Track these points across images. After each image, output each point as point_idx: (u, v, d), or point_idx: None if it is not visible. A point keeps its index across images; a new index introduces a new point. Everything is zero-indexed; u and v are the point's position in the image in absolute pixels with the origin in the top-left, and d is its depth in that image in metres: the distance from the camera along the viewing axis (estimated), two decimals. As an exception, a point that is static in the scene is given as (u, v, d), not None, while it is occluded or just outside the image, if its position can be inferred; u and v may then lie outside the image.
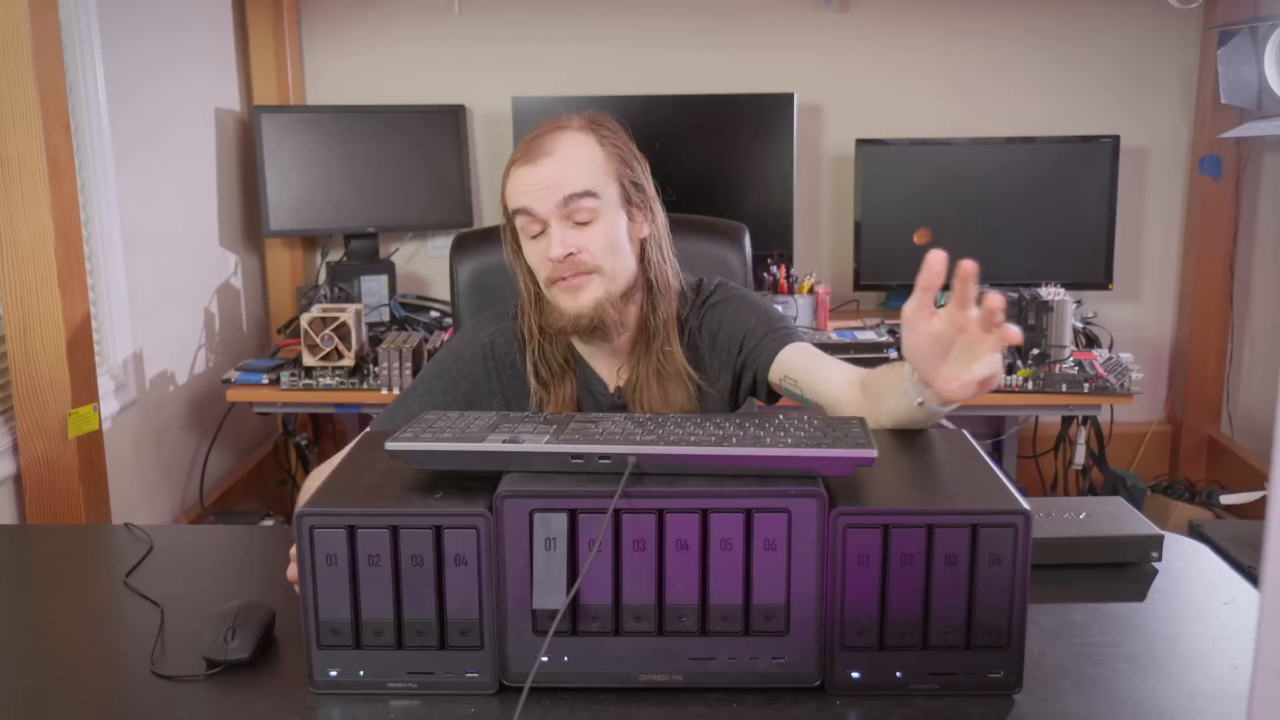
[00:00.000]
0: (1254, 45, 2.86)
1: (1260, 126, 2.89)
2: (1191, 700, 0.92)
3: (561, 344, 1.47)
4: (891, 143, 3.05)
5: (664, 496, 0.90)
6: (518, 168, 1.38)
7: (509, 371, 1.49)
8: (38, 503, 2.02)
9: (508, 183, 1.40)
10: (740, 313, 1.49)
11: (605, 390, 1.49)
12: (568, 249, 1.35)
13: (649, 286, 1.45)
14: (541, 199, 1.35)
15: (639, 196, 1.43)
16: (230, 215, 3.07)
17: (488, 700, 0.92)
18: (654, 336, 1.45)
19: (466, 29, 3.23)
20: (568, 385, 1.46)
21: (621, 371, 1.49)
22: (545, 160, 1.36)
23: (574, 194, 1.35)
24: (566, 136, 1.38)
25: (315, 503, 0.92)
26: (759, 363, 1.45)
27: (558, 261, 1.36)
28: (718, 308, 1.50)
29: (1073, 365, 2.51)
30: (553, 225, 1.36)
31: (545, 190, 1.35)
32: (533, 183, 1.36)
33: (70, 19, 2.23)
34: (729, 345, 1.48)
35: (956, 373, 1.00)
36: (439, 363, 1.51)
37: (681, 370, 1.45)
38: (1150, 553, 1.21)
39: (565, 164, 1.36)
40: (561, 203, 1.35)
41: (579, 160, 1.37)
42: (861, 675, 0.92)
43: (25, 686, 0.98)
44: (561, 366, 1.46)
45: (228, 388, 2.62)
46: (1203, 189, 3.19)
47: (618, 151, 1.41)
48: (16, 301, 1.95)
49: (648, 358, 1.45)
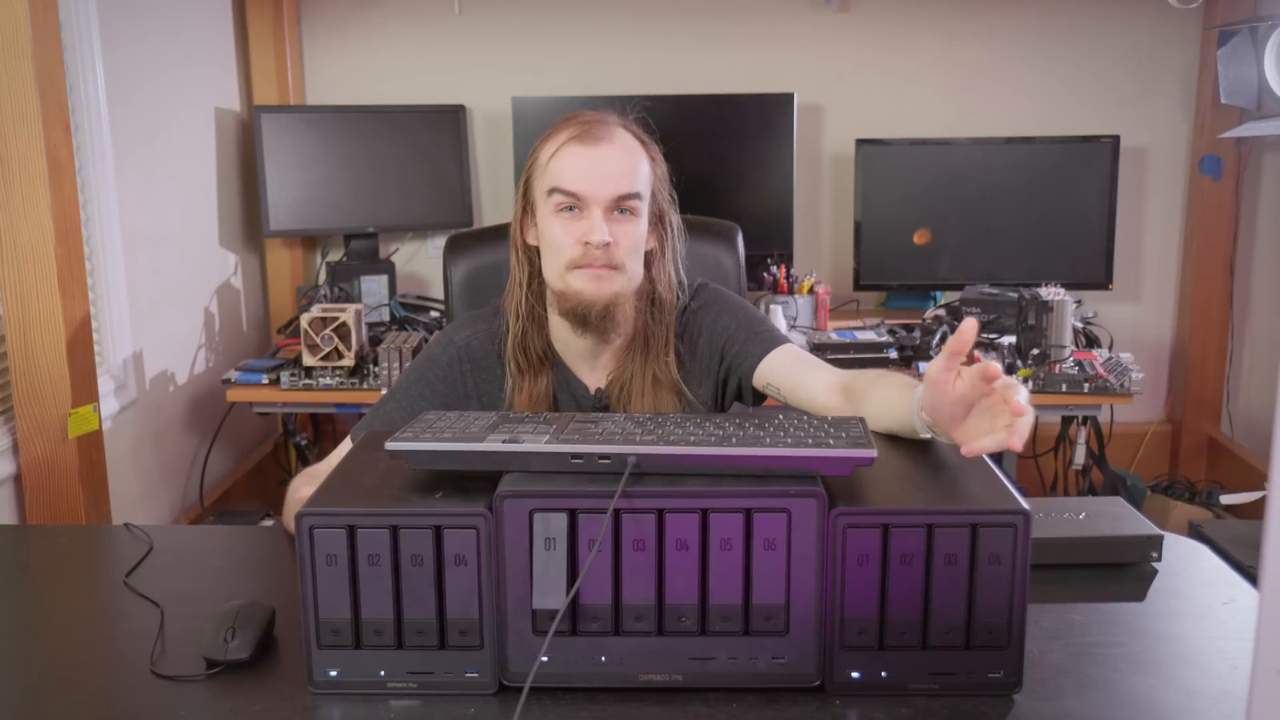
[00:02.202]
0: (1254, 45, 2.86)
1: (1260, 126, 2.89)
2: (1191, 700, 0.92)
3: (543, 336, 1.47)
4: (891, 143, 3.05)
5: (664, 496, 0.90)
6: (573, 145, 1.37)
7: (484, 374, 1.49)
8: (38, 503, 2.02)
9: (556, 159, 1.38)
10: (720, 319, 1.49)
11: (585, 392, 1.48)
12: (608, 238, 1.37)
13: (651, 296, 1.46)
14: (599, 185, 1.36)
15: (660, 210, 1.46)
16: (230, 215, 3.07)
17: (488, 700, 0.92)
18: (651, 346, 1.46)
19: (466, 29, 3.23)
20: (544, 379, 1.46)
21: (606, 375, 1.49)
22: (606, 147, 1.37)
23: (629, 192, 1.38)
24: (621, 132, 1.41)
25: (315, 503, 0.92)
26: (742, 369, 1.46)
27: (595, 247, 1.36)
28: (697, 315, 1.51)
29: (1073, 365, 2.51)
30: (597, 212, 1.37)
31: (605, 179, 1.36)
32: (590, 166, 1.36)
33: (70, 19, 2.23)
34: (710, 353, 1.49)
35: (976, 434, 0.99)
36: (416, 368, 1.51)
37: (675, 383, 1.46)
38: (1150, 553, 1.21)
39: (626, 159, 1.39)
40: (616, 196, 1.37)
41: (634, 159, 1.40)
42: (861, 675, 0.92)
43: (25, 686, 0.98)
44: (540, 358, 1.46)
45: (228, 388, 2.62)
46: (1203, 189, 3.18)
47: (659, 168, 1.45)
48: (16, 301, 1.95)
49: (644, 367, 1.45)
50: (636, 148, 1.42)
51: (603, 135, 1.38)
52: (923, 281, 3.06)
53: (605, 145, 1.37)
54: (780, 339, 1.47)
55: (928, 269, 3.04)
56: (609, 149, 1.37)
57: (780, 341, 1.46)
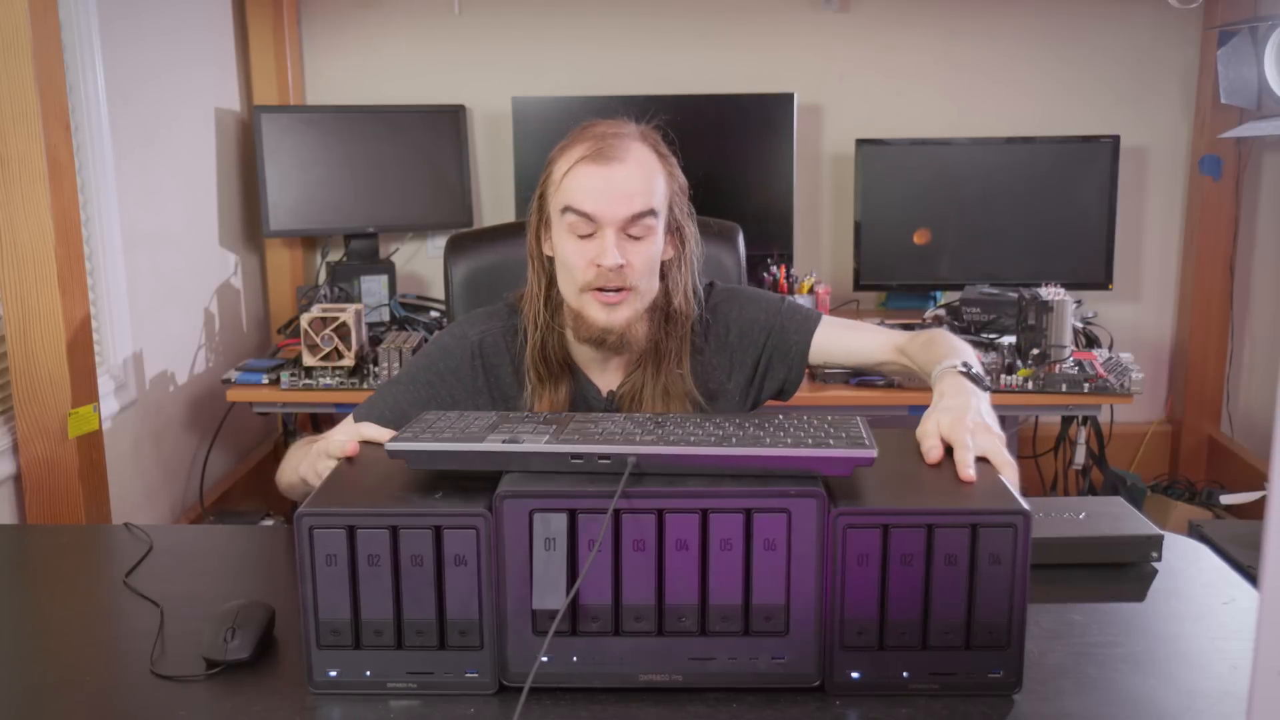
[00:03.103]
0: (1254, 45, 2.86)
1: (1260, 126, 2.89)
2: (1191, 700, 0.92)
3: (561, 344, 1.46)
4: (891, 143, 3.05)
5: (664, 496, 0.90)
6: (586, 165, 1.35)
7: (496, 371, 1.48)
8: (38, 503, 2.02)
9: (569, 178, 1.36)
10: (745, 310, 1.52)
11: (599, 395, 1.49)
12: (620, 260, 1.35)
13: (666, 307, 1.45)
14: (611, 206, 1.34)
15: (676, 223, 1.44)
16: (230, 215, 3.07)
17: (488, 700, 0.92)
18: (665, 357, 1.45)
19: (466, 29, 3.23)
20: (564, 387, 1.46)
21: (619, 379, 1.49)
22: (619, 166, 1.35)
23: (642, 212, 1.35)
24: (638, 148, 1.38)
25: (315, 503, 0.92)
26: (793, 353, 1.50)
27: (608, 270, 1.34)
28: (720, 310, 1.52)
29: (1073, 365, 2.51)
30: (609, 234, 1.34)
31: (617, 200, 1.34)
32: (603, 186, 1.34)
33: (70, 19, 2.23)
34: (743, 344, 1.50)
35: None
36: (427, 355, 1.50)
37: (686, 394, 1.45)
38: (1150, 553, 1.21)
39: (639, 176, 1.36)
40: (629, 216, 1.35)
41: (649, 176, 1.38)
42: (861, 675, 0.92)
43: (25, 686, 0.98)
44: (560, 365, 1.46)
45: (228, 388, 2.62)
46: (1203, 189, 3.18)
47: (676, 182, 1.43)
48: (16, 301, 1.95)
49: (655, 378, 1.44)
50: (652, 163, 1.39)
51: (617, 154, 1.35)
52: (923, 281, 3.06)
53: (618, 165, 1.35)
54: (816, 314, 1.52)
55: (928, 269, 3.04)
56: (622, 168, 1.35)
57: (817, 317, 1.52)
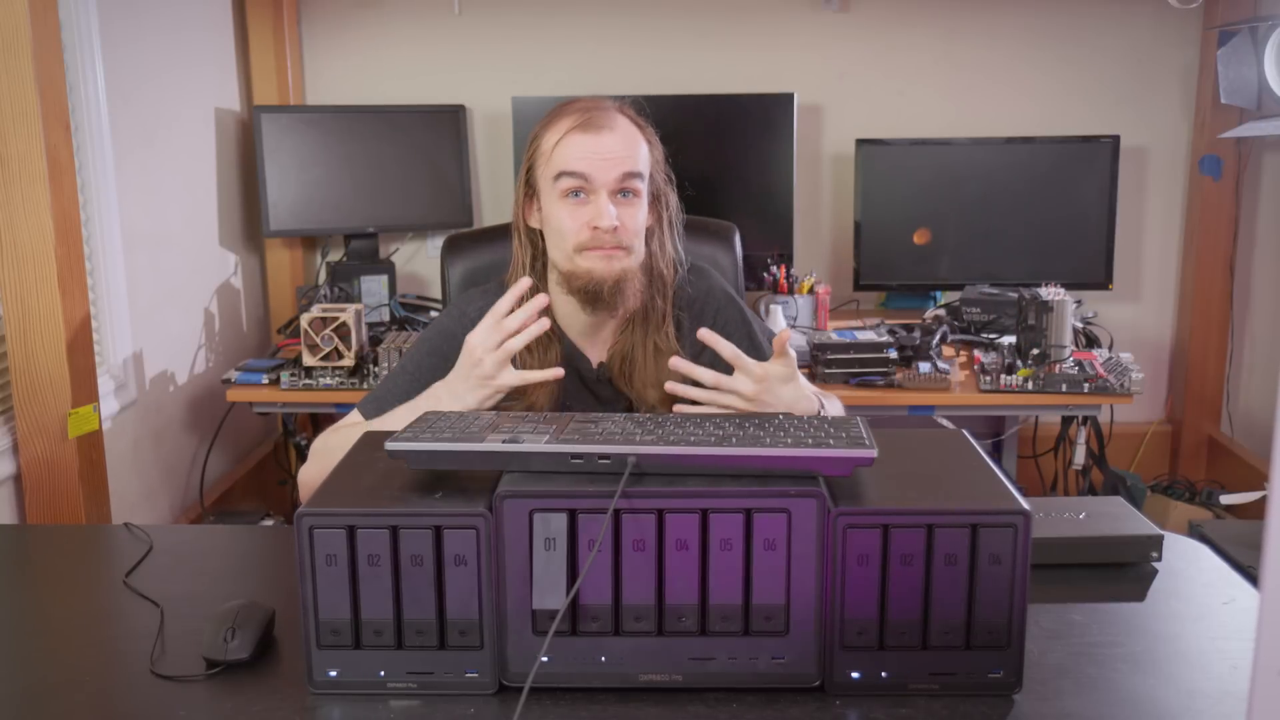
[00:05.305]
0: (1254, 45, 2.86)
1: (1260, 126, 2.89)
2: (1191, 700, 0.92)
3: (548, 312, 1.49)
4: (891, 143, 3.05)
5: (664, 496, 0.90)
6: (577, 134, 1.44)
7: None
8: (38, 503, 2.02)
9: (561, 147, 1.45)
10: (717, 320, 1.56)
11: (589, 365, 1.53)
12: (616, 221, 1.42)
13: (650, 271, 1.52)
14: (604, 168, 1.43)
15: (658, 190, 1.53)
16: (230, 215, 3.07)
17: (488, 700, 0.92)
18: (651, 318, 1.52)
19: (466, 29, 3.23)
20: (553, 351, 1.51)
21: (608, 348, 1.53)
22: (608, 133, 1.44)
23: (632, 172, 1.44)
24: (620, 118, 1.48)
25: (315, 503, 0.92)
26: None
27: (605, 230, 1.42)
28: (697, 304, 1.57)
29: (1073, 365, 2.51)
30: (603, 195, 1.43)
31: (609, 161, 1.43)
32: (595, 150, 1.43)
33: (70, 19, 2.23)
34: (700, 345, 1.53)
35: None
36: (428, 340, 1.55)
37: (675, 350, 1.51)
38: (1150, 553, 1.21)
39: (628, 142, 1.47)
40: (621, 177, 1.43)
41: (634, 143, 1.48)
42: (861, 675, 0.92)
43: (25, 686, 0.98)
44: (549, 334, 1.50)
45: (228, 388, 2.62)
46: (1203, 189, 3.18)
47: (657, 149, 1.53)
48: (16, 301, 1.95)
49: (645, 338, 1.51)
50: (635, 132, 1.49)
51: (604, 122, 1.45)
52: (923, 281, 3.06)
53: (607, 132, 1.45)
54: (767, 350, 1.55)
55: (928, 269, 3.04)
56: (610, 135, 1.45)
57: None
